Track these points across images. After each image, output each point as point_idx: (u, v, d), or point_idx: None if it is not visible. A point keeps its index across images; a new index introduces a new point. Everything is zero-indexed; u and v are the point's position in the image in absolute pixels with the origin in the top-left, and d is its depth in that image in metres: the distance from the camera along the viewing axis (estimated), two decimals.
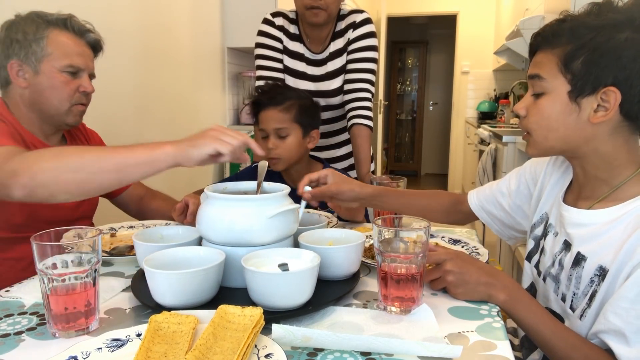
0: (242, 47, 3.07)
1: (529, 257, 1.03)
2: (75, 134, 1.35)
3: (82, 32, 1.23)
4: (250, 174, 1.55)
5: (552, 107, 0.85)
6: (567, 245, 0.90)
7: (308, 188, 1.10)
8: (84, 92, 1.22)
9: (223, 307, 0.71)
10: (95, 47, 1.28)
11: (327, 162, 1.56)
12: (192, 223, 1.29)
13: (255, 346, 0.65)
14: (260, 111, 1.40)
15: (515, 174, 1.11)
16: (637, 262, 0.75)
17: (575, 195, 0.92)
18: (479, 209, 1.16)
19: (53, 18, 1.18)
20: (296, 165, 1.45)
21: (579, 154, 0.87)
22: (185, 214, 1.22)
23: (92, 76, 1.26)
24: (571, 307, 0.86)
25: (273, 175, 1.53)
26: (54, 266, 0.72)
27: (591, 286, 0.83)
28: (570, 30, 0.81)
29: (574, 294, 0.86)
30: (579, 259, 0.86)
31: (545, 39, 0.86)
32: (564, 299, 0.89)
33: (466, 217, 1.21)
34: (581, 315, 0.83)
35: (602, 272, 0.81)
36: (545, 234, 0.98)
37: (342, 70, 1.73)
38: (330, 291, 0.84)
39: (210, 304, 0.79)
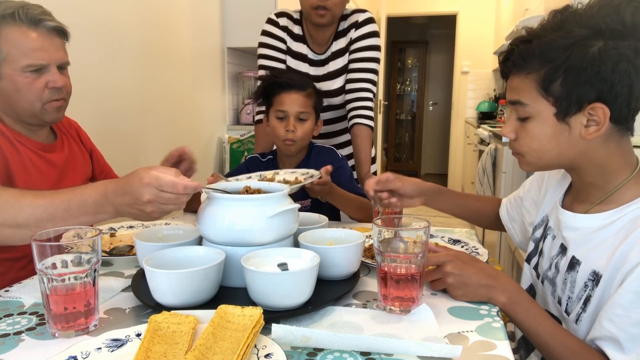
0: (242, 47, 3.07)
1: (528, 259, 1.03)
2: (64, 126, 1.31)
3: (37, 21, 1.09)
4: (244, 169, 1.56)
5: (541, 130, 0.84)
6: (563, 249, 0.90)
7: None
8: (54, 88, 1.12)
9: (223, 307, 0.71)
10: (61, 32, 1.15)
11: (314, 143, 1.57)
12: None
13: (255, 346, 0.65)
14: (282, 93, 1.43)
15: (530, 178, 1.12)
16: (629, 268, 0.75)
17: (573, 198, 0.93)
18: (505, 219, 1.17)
19: None
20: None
21: (574, 165, 0.87)
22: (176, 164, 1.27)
23: (64, 65, 1.16)
24: (566, 311, 0.86)
25: (268, 162, 1.53)
26: (54, 266, 0.72)
27: (585, 291, 0.83)
28: (540, 53, 0.80)
29: (569, 298, 0.86)
30: (573, 263, 0.86)
31: (515, 63, 0.84)
32: (560, 302, 0.89)
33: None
34: (576, 320, 0.84)
35: (595, 277, 0.81)
36: (544, 237, 0.98)
37: (343, 70, 1.73)
38: (330, 291, 0.84)
39: (211, 303, 0.79)
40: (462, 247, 1.12)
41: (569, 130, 0.82)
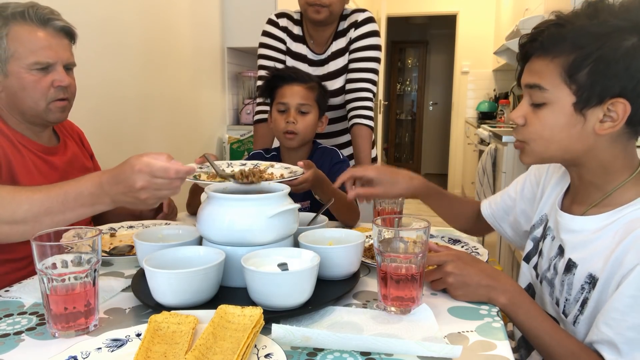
0: (242, 47, 3.07)
1: (527, 258, 1.02)
2: (66, 130, 1.32)
3: (45, 20, 1.10)
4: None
5: (555, 119, 0.81)
6: (561, 251, 0.89)
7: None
8: (60, 87, 1.13)
9: (223, 307, 0.71)
10: (68, 33, 1.16)
11: (318, 142, 1.57)
12: (169, 216, 1.37)
13: (255, 346, 0.65)
14: (283, 86, 1.44)
15: (522, 177, 1.11)
16: (625, 271, 0.74)
17: (571, 200, 0.92)
18: (492, 218, 1.16)
19: (9, 12, 1.08)
20: (302, 146, 1.49)
21: (578, 162, 0.85)
22: (156, 209, 1.33)
23: (70, 66, 1.17)
24: (564, 312, 0.86)
25: (271, 159, 1.53)
26: (54, 266, 0.72)
27: (582, 293, 0.82)
28: (572, 38, 0.77)
29: (566, 300, 0.86)
30: (570, 266, 0.85)
31: (542, 45, 0.82)
32: (557, 304, 0.89)
33: (487, 227, 1.19)
34: (574, 322, 0.83)
35: (592, 280, 0.81)
36: (544, 237, 0.97)
37: (344, 70, 1.73)
38: (330, 291, 0.84)
39: (211, 303, 0.79)
40: (462, 247, 1.12)
41: (583, 123, 0.80)
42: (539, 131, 0.84)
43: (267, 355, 0.63)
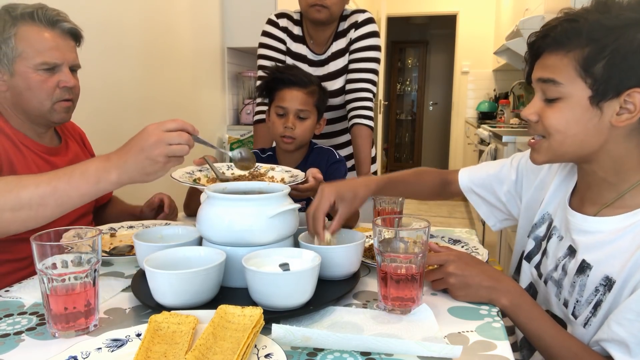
0: (242, 47, 3.07)
1: (528, 258, 1.02)
2: (68, 130, 1.33)
3: (54, 22, 1.13)
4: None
5: (571, 113, 0.80)
6: (572, 251, 0.88)
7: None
8: (65, 87, 1.15)
9: (223, 307, 0.71)
10: (75, 35, 1.18)
11: (314, 142, 1.56)
12: (169, 216, 1.38)
13: (255, 346, 0.65)
14: (283, 89, 1.42)
15: (514, 166, 1.10)
16: None
17: (580, 198, 0.90)
18: (469, 191, 1.16)
19: (18, 13, 1.09)
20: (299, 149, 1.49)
21: (591, 159, 0.84)
22: (157, 209, 1.36)
23: (75, 67, 1.19)
24: (573, 314, 0.85)
25: (267, 158, 1.53)
26: (54, 266, 0.72)
27: (595, 295, 0.81)
28: (587, 31, 0.77)
29: (577, 301, 0.85)
30: (583, 267, 0.84)
31: (556, 40, 0.81)
32: (566, 305, 0.88)
33: (453, 196, 1.22)
34: (585, 324, 0.82)
35: (608, 282, 0.79)
36: (548, 236, 0.96)
37: (344, 70, 1.73)
38: (331, 291, 0.84)
39: (211, 304, 0.79)
40: (462, 247, 1.12)
41: (599, 116, 0.79)
42: (554, 125, 0.82)
43: (267, 355, 0.63)
